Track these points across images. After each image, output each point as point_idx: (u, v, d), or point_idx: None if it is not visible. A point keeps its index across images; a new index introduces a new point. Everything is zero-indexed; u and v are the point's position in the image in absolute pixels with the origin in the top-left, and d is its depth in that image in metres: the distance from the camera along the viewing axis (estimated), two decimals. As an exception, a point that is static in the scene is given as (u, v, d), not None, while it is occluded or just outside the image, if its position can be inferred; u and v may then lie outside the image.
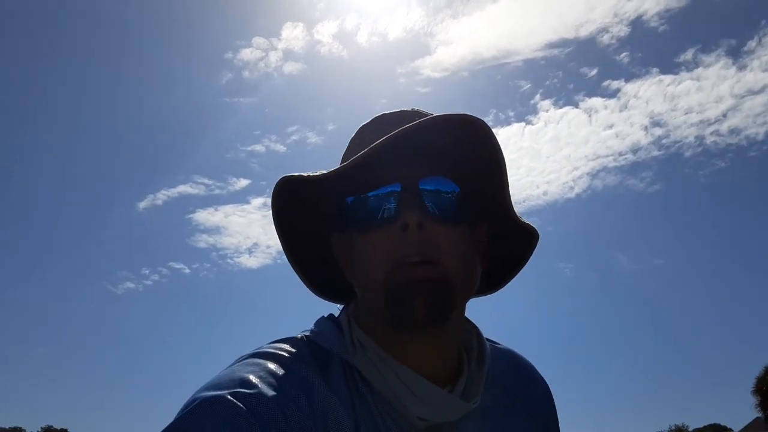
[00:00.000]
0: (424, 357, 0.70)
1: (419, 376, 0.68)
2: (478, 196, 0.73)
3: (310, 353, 0.69)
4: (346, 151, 0.78)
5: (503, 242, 0.77)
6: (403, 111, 0.77)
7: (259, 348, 0.70)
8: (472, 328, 0.79)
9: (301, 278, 0.80)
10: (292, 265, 0.78)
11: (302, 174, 0.70)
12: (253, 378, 0.62)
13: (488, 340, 0.83)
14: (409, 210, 0.66)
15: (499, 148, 0.69)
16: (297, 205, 0.75)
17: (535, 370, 0.89)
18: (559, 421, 0.89)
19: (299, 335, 0.74)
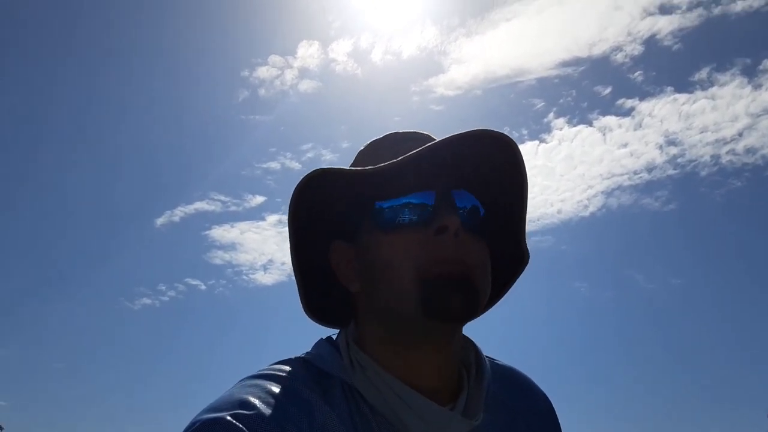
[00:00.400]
0: (426, 375, 0.70)
1: (420, 394, 0.68)
2: (496, 215, 0.75)
3: (309, 374, 0.69)
4: (354, 164, 0.79)
5: (496, 261, 0.77)
6: (416, 131, 0.79)
7: (258, 370, 0.70)
8: (471, 345, 0.78)
9: (300, 290, 0.78)
10: (296, 275, 0.77)
11: (342, 168, 0.70)
12: (252, 399, 0.62)
13: (487, 357, 0.82)
14: (450, 215, 0.68)
15: (524, 169, 0.73)
16: (309, 207, 0.75)
17: (536, 385, 0.89)
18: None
19: (298, 357, 0.74)
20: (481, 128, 0.68)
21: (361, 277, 0.73)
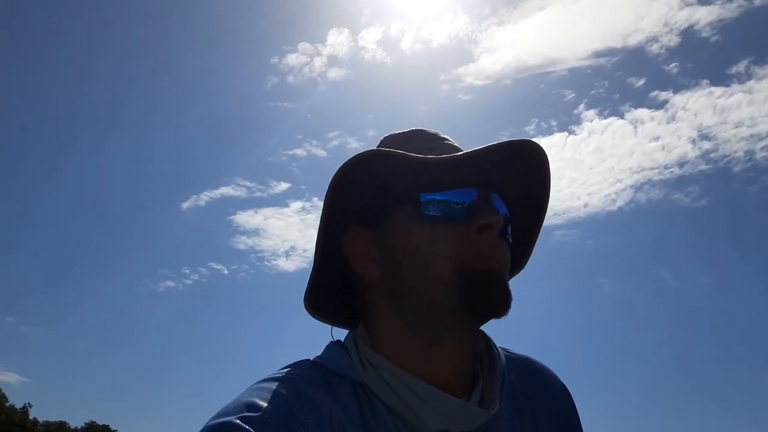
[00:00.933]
0: (443, 368, 0.71)
1: (435, 388, 0.68)
2: (514, 224, 0.77)
3: (319, 375, 0.70)
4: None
5: None
6: (439, 132, 0.80)
7: (267, 375, 0.71)
8: (481, 336, 0.79)
9: (309, 282, 0.77)
10: (316, 259, 0.76)
11: (404, 152, 0.70)
12: (259, 401, 0.63)
13: (501, 348, 0.83)
14: (495, 214, 0.70)
15: (549, 185, 0.76)
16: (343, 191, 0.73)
17: (553, 373, 0.88)
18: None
19: (307, 360, 0.74)
20: (524, 139, 0.71)
21: (385, 264, 0.73)
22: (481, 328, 0.77)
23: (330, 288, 0.80)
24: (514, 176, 0.75)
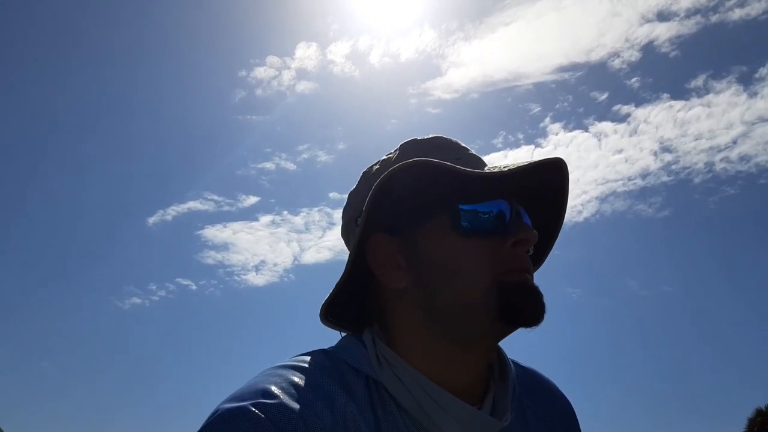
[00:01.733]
0: (460, 373, 0.71)
1: (449, 393, 0.68)
2: None
3: (334, 367, 0.69)
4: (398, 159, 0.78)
5: None
6: (452, 140, 0.80)
7: (282, 361, 0.70)
8: None
9: (334, 290, 0.76)
10: (348, 268, 0.74)
11: (448, 164, 0.69)
12: (275, 389, 0.62)
13: (509, 359, 0.82)
14: (530, 230, 0.71)
15: (565, 208, 0.79)
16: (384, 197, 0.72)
17: (557, 388, 0.88)
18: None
19: (322, 349, 0.73)
20: (557, 157, 0.73)
21: (414, 273, 0.72)
22: None
23: (345, 294, 0.77)
24: (539, 192, 0.77)
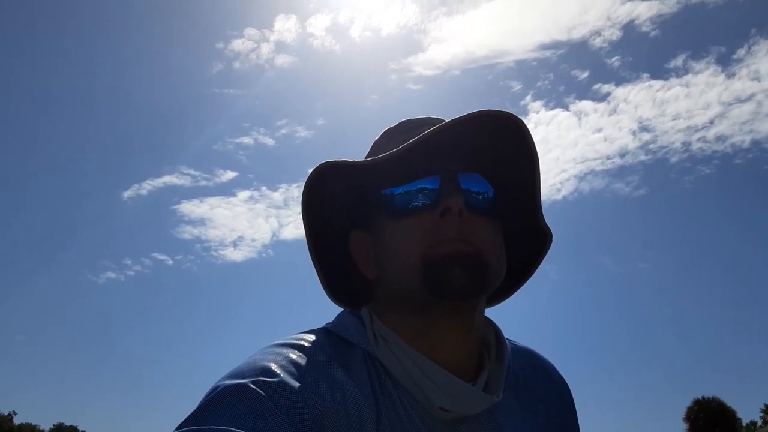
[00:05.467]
0: (448, 352, 0.71)
1: (442, 369, 0.69)
2: (508, 194, 0.76)
3: (332, 344, 0.71)
4: (369, 153, 0.81)
5: (515, 242, 0.78)
6: (429, 117, 0.80)
7: (281, 339, 0.71)
8: (490, 324, 0.79)
9: (320, 277, 0.79)
10: (314, 262, 0.78)
11: (347, 160, 0.72)
12: (275, 367, 0.63)
13: (508, 339, 0.83)
14: (453, 196, 0.68)
15: (534, 147, 0.73)
16: (320, 200, 0.76)
17: (554, 368, 0.89)
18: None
19: (321, 328, 0.75)
20: (482, 110, 0.68)
21: (377, 263, 0.75)
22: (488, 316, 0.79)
23: (346, 285, 0.81)
24: (496, 147, 0.73)
